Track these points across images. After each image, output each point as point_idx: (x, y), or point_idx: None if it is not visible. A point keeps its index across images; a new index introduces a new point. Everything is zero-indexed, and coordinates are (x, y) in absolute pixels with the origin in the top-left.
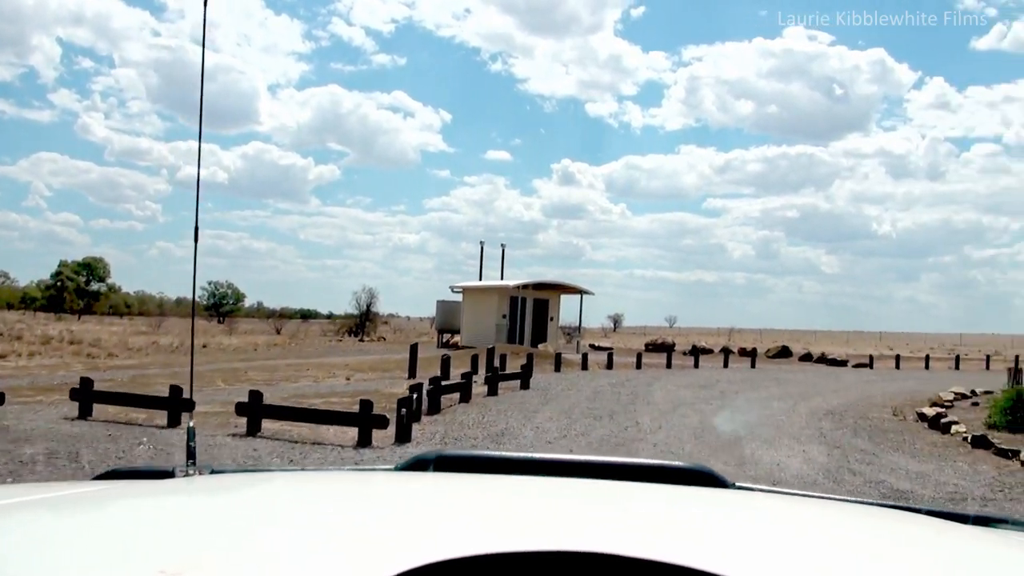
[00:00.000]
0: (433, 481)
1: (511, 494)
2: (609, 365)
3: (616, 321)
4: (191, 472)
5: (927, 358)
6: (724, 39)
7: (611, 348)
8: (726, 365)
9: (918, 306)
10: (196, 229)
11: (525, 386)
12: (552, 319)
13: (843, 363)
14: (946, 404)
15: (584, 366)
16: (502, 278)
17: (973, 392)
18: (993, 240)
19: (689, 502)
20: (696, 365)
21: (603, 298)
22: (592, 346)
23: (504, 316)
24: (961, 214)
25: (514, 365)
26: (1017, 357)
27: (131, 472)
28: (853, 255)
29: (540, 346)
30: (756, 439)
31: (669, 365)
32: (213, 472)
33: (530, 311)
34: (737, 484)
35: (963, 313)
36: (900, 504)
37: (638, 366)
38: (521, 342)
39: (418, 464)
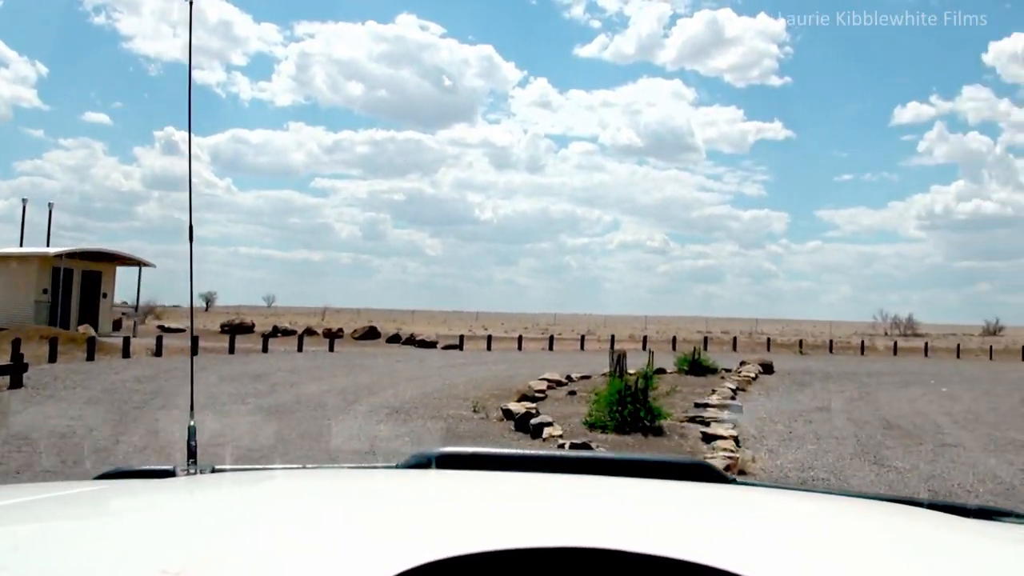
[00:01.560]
0: (435, 479)
1: (514, 491)
2: (158, 351)
3: (209, 300)
4: (192, 471)
5: (520, 339)
6: (337, 18)
7: (183, 330)
8: (300, 349)
9: (516, 288)
10: (191, 228)
11: (17, 384)
12: (105, 295)
13: (432, 344)
14: (538, 395)
15: (126, 353)
16: (48, 246)
17: (569, 378)
18: (586, 230)
19: (692, 497)
20: (265, 349)
21: (205, 275)
22: (163, 328)
23: (45, 291)
24: (558, 205)
25: (40, 352)
26: (613, 337)
27: (132, 472)
28: (456, 239)
29: (82, 328)
30: (283, 460)
31: (232, 350)
32: (214, 471)
33: (78, 286)
34: (738, 479)
35: (557, 295)
36: (901, 497)
37: (194, 352)
38: (66, 324)
39: (420, 462)
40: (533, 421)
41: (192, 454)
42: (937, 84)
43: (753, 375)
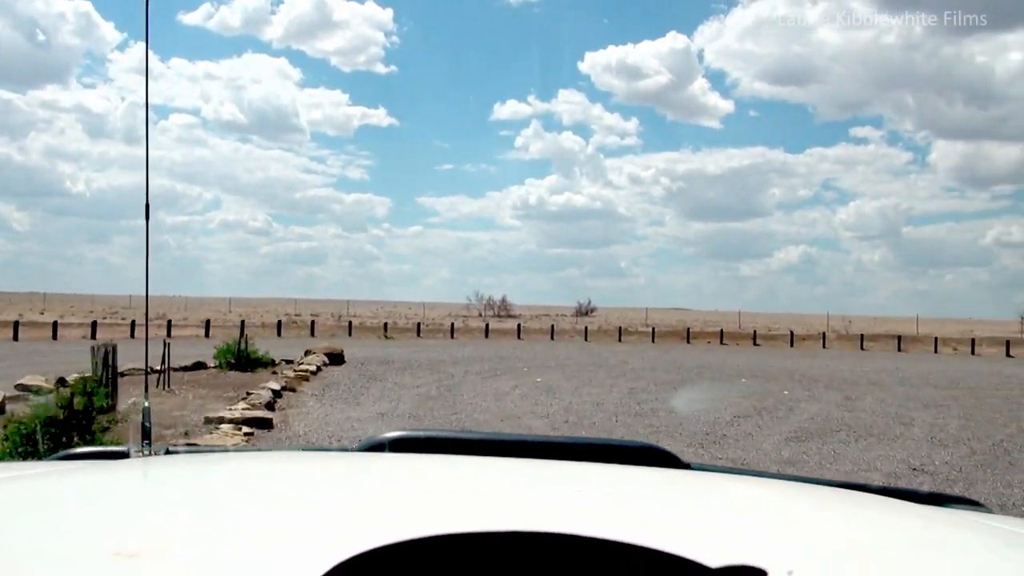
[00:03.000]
0: (390, 462)
1: (468, 475)
2: None
3: None
4: (146, 452)
5: (55, 325)
6: None
7: None
8: None
9: (109, 268)
10: (148, 207)
11: None
12: None
13: None
14: None
15: None
16: None
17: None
18: (187, 207)
19: (645, 481)
20: None
21: None
22: None
23: None
24: (156, 180)
25: None
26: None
27: (85, 454)
28: (45, 212)
29: None
30: None
31: None
32: (168, 452)
33: None
34: (693, 464)
35: (152, 277)
36: (854, 483)
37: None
38: None
39: (375, 445)
40: None
41: (146, 435)
42: (535, 86)
43: (315, 368)
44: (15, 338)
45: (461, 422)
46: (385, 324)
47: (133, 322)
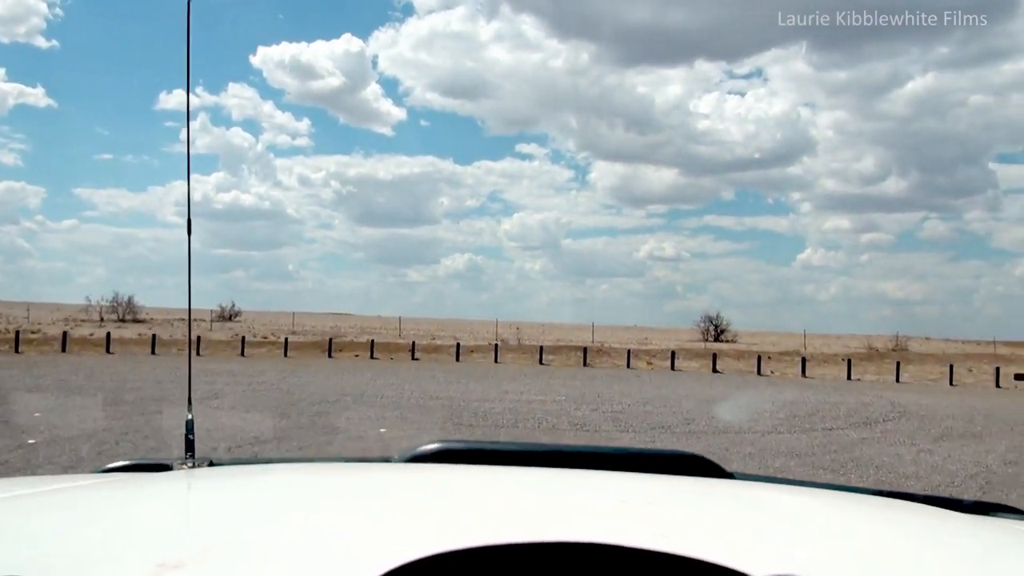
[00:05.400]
0: (434, 472)
1: (512, 485)
2: None
3: None
4: (190, 465)
5: None
6: None
7: None
8: None
9: None
10: (188, 223)
11: None
12: None
13: None
14: None
15: None
16: None
17: None
18: None
19: (690, 491)
20: None
21: None
22: None
23: None
24: None
25: None
26: None
27: (129, 466)
28: None
29: None
30: None
31: None
32: (211, 464)
33: None
34: (736, 474)
35: None
36: (897, 491)
37: None
38: None
39: (418, 456)
40: None
41: (190, 448)
42: (205, 76)
43: None
44: None
45: None
46: None
47: None
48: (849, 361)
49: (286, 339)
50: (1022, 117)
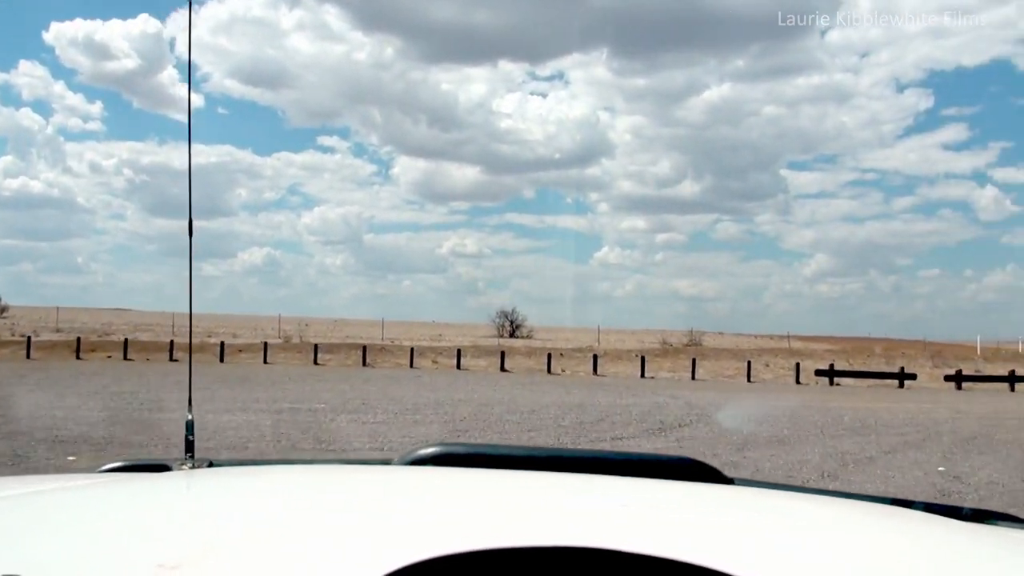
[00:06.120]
0: (434, 475)
1: (512, 489)
2: None
3: None
4: (189, 465)
5: None
6: None
7: None
8: None
9: None
10: (190, 223)
11: None
12: None
13: None
14: None
15: None
16: None
17: None
18: None
19: (691, 496)
20: None
21: None
22: None
23: None
24: None
25: None
26: None
27: (128, 466)
28: None
29: None
30: None
31: None
32: (211, 465)
33: None
34: (737, 480)
35: None
36: (897, 499)
37: None
38: None
39: (418, 458)
40: None
41: (189, 448)
42: None
43: None
44: None
45: None
46: None
47: None
48: (643, 358)
49: (28, 338)
50: (812, 128)
